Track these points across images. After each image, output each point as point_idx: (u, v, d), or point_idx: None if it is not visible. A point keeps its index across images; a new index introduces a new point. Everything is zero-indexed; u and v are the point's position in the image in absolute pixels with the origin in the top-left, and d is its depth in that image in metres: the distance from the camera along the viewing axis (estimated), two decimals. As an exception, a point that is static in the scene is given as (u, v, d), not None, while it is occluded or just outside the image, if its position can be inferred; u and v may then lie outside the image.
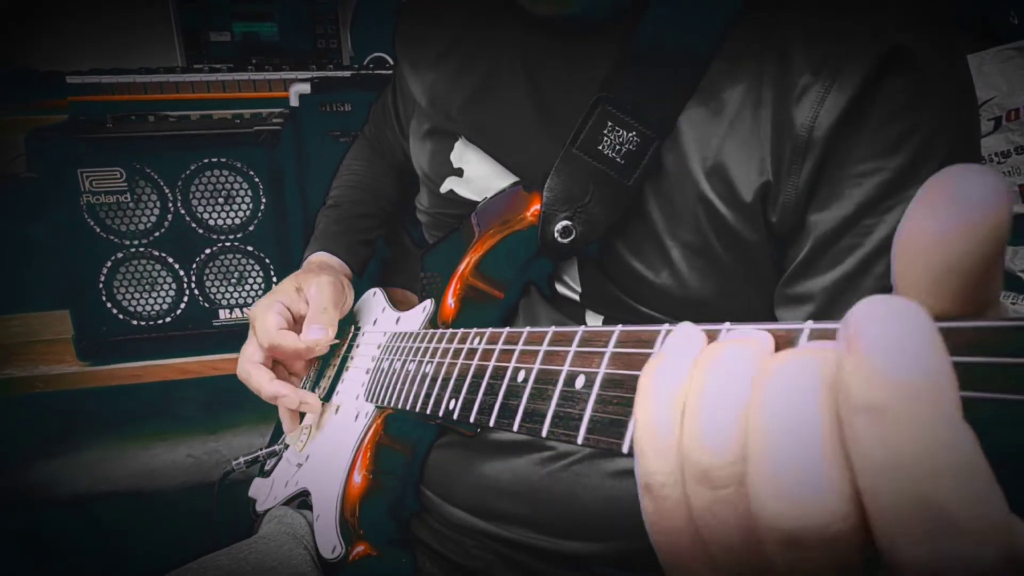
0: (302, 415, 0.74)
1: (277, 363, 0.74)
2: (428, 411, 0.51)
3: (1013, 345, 0.19)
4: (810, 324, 0.26)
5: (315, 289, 0.71)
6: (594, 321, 0.63)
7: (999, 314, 0.21)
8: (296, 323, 0.71)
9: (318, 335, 0.68)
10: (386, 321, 0.73)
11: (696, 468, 0.23)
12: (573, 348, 0.37)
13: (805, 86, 0.49)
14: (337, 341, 0.71)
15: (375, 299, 0.78)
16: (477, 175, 0.67)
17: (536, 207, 0.58)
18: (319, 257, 0.82)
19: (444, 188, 0.70)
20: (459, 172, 0.68)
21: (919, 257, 0.21)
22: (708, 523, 0.23)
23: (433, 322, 0.65)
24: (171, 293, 1.37)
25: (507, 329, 0.45)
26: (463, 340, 0.50)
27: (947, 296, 0.21)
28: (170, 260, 1.35)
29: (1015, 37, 1.42)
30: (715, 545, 0.23)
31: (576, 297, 0.62)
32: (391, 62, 1.78)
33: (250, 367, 0.70)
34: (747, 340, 0.25)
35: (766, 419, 0.21)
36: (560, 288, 0.63)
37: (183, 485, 1.58)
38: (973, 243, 0.20)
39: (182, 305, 1.38)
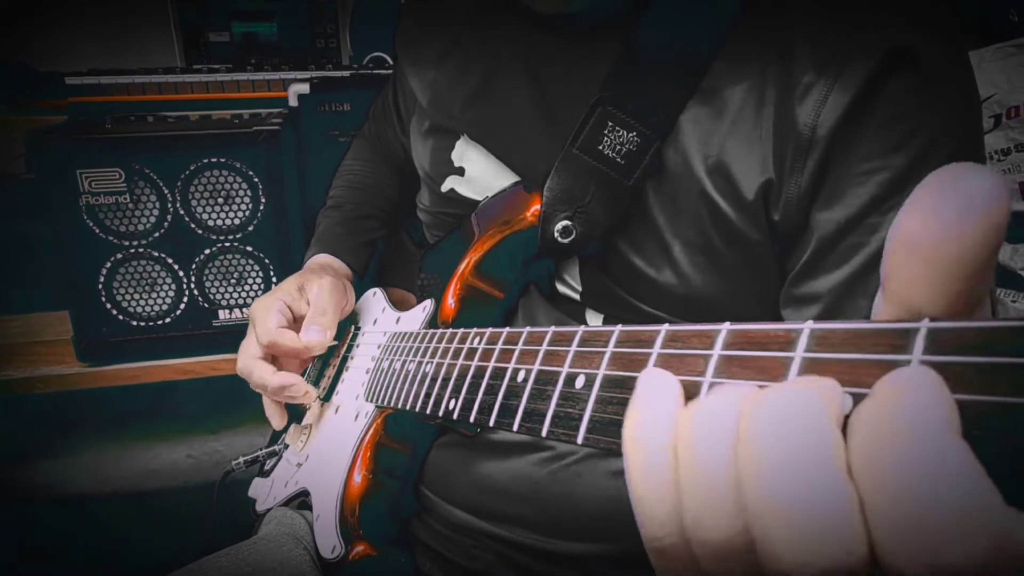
0: (292, 417, 0.74)
1: (274, 360, 0.74)
2: (428, 411, 0.51)
3: (1014, 345, 0.19)
4: (810, 324, 0.25)
5: (317, 290, 0.71)
6: (594, 320, 0.63)
7: (988, 309, 0.22)
8: (296, 322, 0.71)
9: (316, 336, 0.68)
10: (386, 321, 0.73)
11: (704, 544, 0.23)
12: (573, 348, 0.37)
13: (808, 85, 0.49)
14: (335, 343, 0.71)
15: (375, 299, 0.78)
16: (478, 174, 0.67)
17: (536, 207, 0.58)
18: (322, 259, 0.82)
19: (445, 187, 0.70)
20: (460, 171, 0.68)
21: (916, 254, 0.21)
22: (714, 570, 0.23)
23: (433, 322, 0.65)
24: (171, 294, 1.37)
25: (507, 329, 0.45)
26: (463, 340, 0.49)
27: (942, 293, 0.21)
28: (169, 261, 1.35)
29: (1015, 34, 1.42)
30: None
31: (576, 296, 0.62)
32: (390, 62, 1.77)
33: (252, 362, 0.70)
34: (726, 392, 0.24)
35: (761, 472, 0.21)
36: (560, 287, 0.63)
37: (184, 485, 1.58)
38: (972, 242, 0.20)
39: (182, 306, 1.38)
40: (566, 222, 0.56)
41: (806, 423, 0.21)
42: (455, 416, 0.46)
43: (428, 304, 0.67)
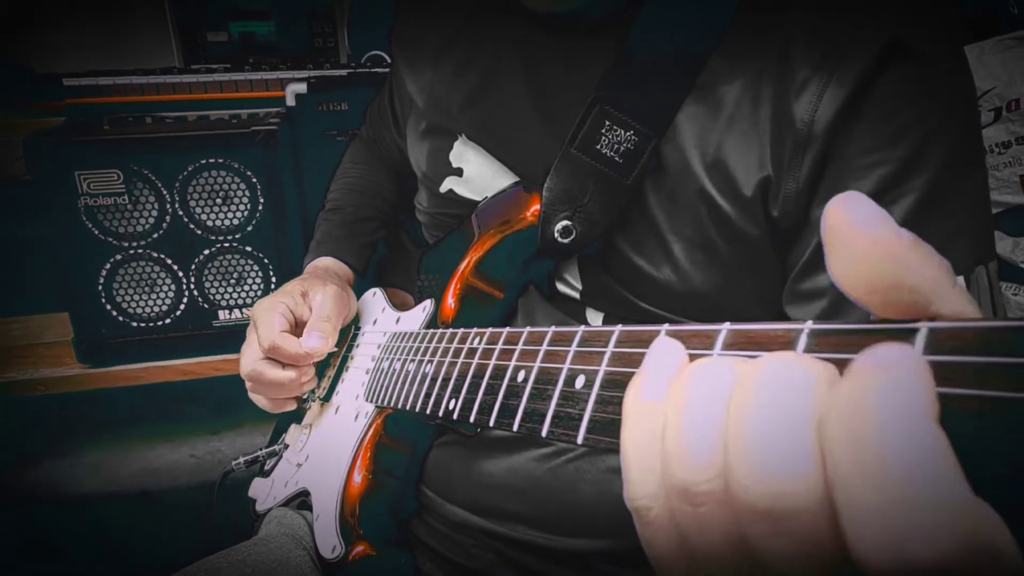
0: (291, 417, 0.74)
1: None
2: (428, 411, 0.51)
3: (1014, 345, 0.19)
4: (810, 324, 0.26)
5: (320, 298, 0.71)
6: (594, 318, 0.63)
7: (959, 300, 0.22)
8: (298, 327, 0.71)
9: (318, 343, 0.67)
10: (386, 321, 0.73)
11: (678, 487, 0.24)
12: (573, 348, 0.37)
13: (805, 80, 0.49)
14: (335, 350, 0.71)
15: (375, 299, 0.78)
16: (476, 174, 0.67)
17: (536, 207, 0.58)
18: (324, 262, 0.82)
19: (443, 188, 0.70)
20: (458, 172, 0.68)
21: (848, 288, 0.23)
22: (694, 539, 0.24)
23: (433, 322, 0.65)
24: (170, 294, 1.36)
25: (507, 329, 0.44)
26: (463, 340, 0.49)
27: (883, 310, 0.23)
28: (169, 261, 1.35)
29: (1015, 27, 1.41)
30: (703, 558, 0.24)
31: (576, 295, 0.62)
32: (388, 60, 1.77)
33: (260, 365, 0.69)
34: (723, 359, 0.26)
35: (748, 413, 0.22)
36: (560, 286, 0.63)
37: (186, 485, 1.59)
38: (861, 268, 0.22)
39: (181, 306, 1.38)
40: (566, 222, 0.56)
41: (798, 383, 0.22)
42: (455, 416, 0.46)
43: (428, 304, 0.67)
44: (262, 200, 1.35)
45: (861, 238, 0.22)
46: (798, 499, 0.21)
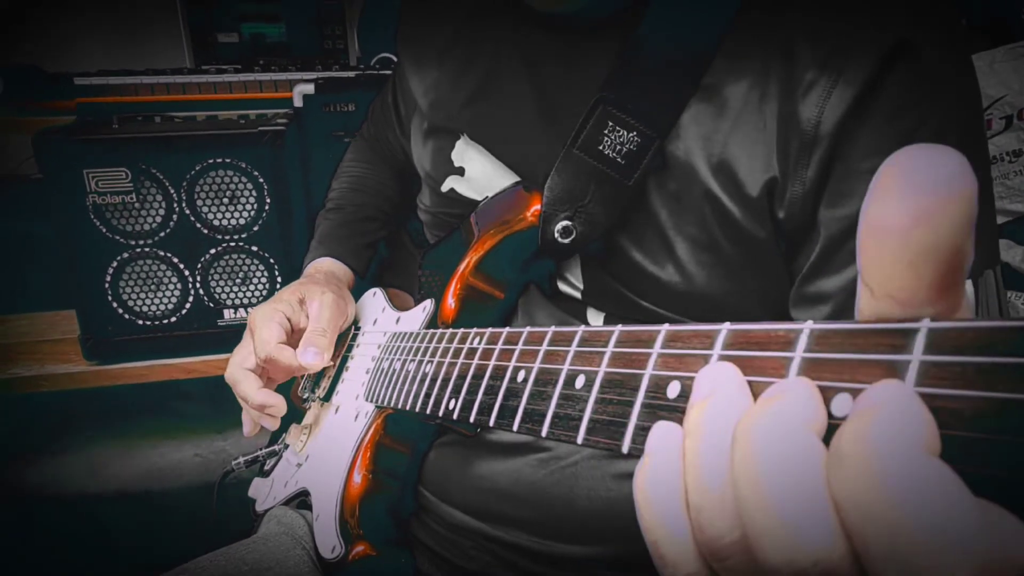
0: (291, 417, 0.74)
1: (266, 372, 0.73)
2: (428, 411, 0.50)
3: (1014, 345, 0.19)
4: (810, 324, 0.25)
5: (317, 307, 0.70)
6: (595, 318, 0.62)
7: (970, 295, 0.22)
8: (295, 333, 0.70)
9: (312, 359, 0.67)
10: (386, 321, 0.72)
11: (705, 544, 0.24)
12: (573, 348, 0.37)
13: (811, 82, 0.48)
14: (331, 363, 0.70)
15: (375, 299, 0.78)
16: (478, 174, 0.67)
17: (536, 207, 0.58)
18: (325, 264, 0.82)
19: (445, 187, 0.69)
20: (460, 171, 0.68)
21: (887, 244, 0.21)
22: None
23: (433, 322, 0.65)
24: (176, 293, 1.37)
25: (507, 329, 0.44)
26: (463, 340, 0.49)
27: (918, 281, 0.21)
28: (175, 260, 1.35)
29: (1027, 35, 1.40)
30: None
31: (577, 294, 0.62)
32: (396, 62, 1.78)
33: (241, 374, 0.70)
34: (720, 401, 0.26)
35: (752, 477, 0.22)
36: (562, 286, 0.63)
37: (190, 484, 1.59)
38: (942, 224, 0.20)
39: (187, 305, 1.38)
40: (566, 222, 0.56)
41: (786, 435, 0.22)
42: (455, 416, 0.46)
43: (428, 304, 0.67)
44: (269, 200, 1.36)
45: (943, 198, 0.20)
46: (819, 560, 0.20)
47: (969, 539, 0.18)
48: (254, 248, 1.38)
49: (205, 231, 1.35)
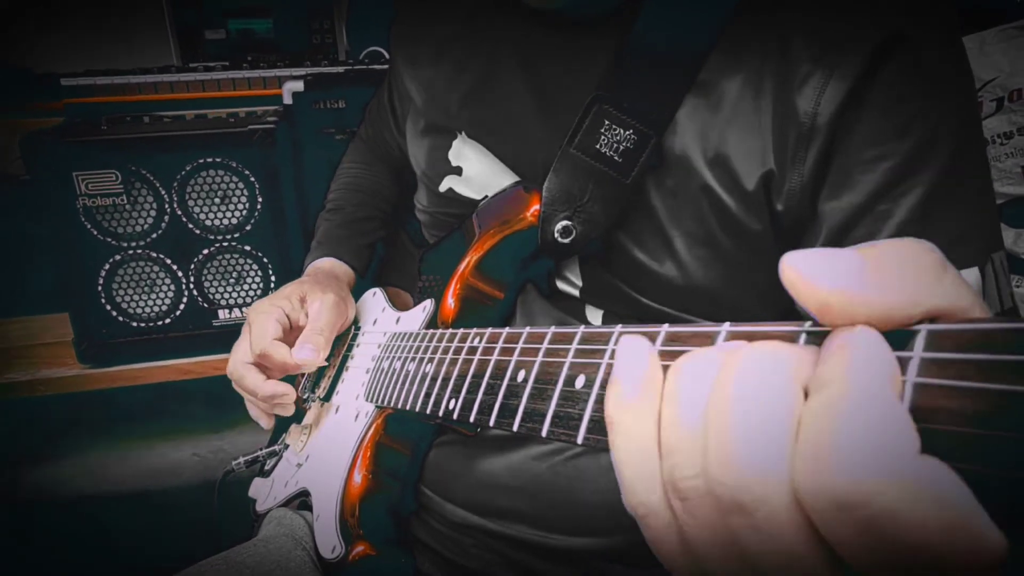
0: (290, 417, 0.74)
1: (262, 368, 0.73)
2: (428, 411, 0.50)
3: (1014, 345, 0.19)
4: (809, 324, 0.26)
5: (317, 306, 0.70)
6: (593, 316, 0.62)
7: (978, 302, 0.23)
8: (293, 331, 0.70)
9: (309, 356, 0.67)
10: (386, 321, 0.72)
11: (668, 482, 0.25)
12: (573, 347, 0.37)
13: (806, 74, 0.49)
14: (326, 364, 0.70)
15: (375, 299, 0.78)
16: (476, 173, 0.66)
17: (536, 207, 0.58)
18: (325, 264, 0.82)
19: (443, 186, 0.69)
20: (458, 170, 0.68)
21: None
22: (692, 535, 0.25)
23: (433, 322, 0.65)
24: (170, 294, 1.36)
25: (507, 329, 0.44)
26: (463, 340, 0.49)
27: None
28: (168, 261, 1.35)
29: (1017, 16, 1.40)
30: (706, 558, 0.25)
31: (576, 292, 0.62)
32: (387, 56, 1.76)
33: (242, 368, 0.70)
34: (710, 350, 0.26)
35: (724, 407, 0.23)
36: (560, 284, 0.63)
37: (189, 484, 1.59)
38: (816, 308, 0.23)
39: (181, 306, 1.37)
40: (566, 222, 0.56)
41: (773, 377, 0.23)
42: (455, 416, 0.46)
43: (428, 304, 0.67)
44: (260, 199, 1.35)
45: (805, 293, 0.23)
46: (765, 487, 0.21)
47: (902, 462, 0.19)
48: (247, 247, 1.37)
49: (197, 231, 1.34)
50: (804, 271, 0.23)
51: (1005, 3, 1.44)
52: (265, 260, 1.39)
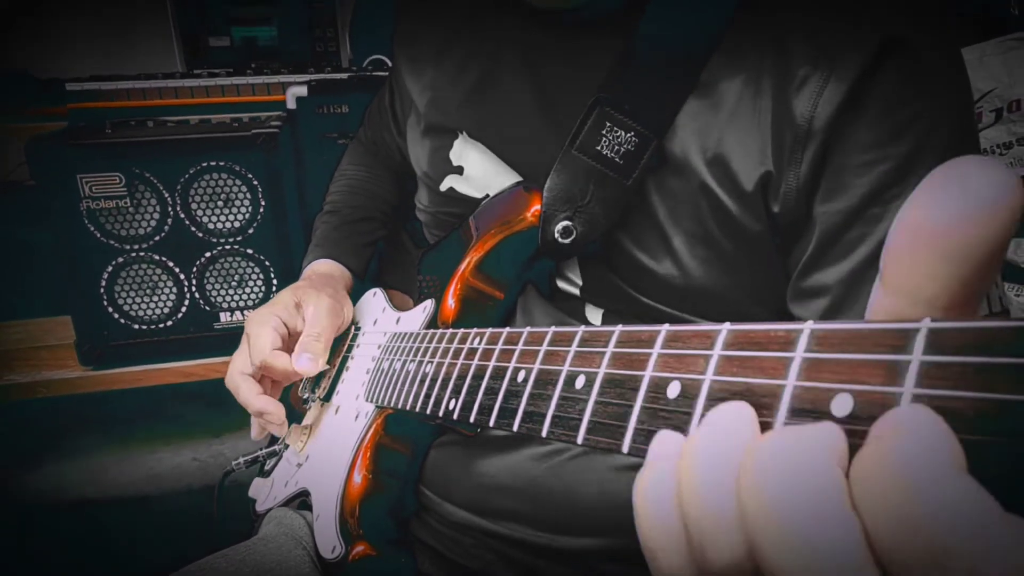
0: (291, 418, 0.74)
1: (266, 376, 0.73)
2: (428, 411, 0.51)
3: (1014, 345, 0.19)
4: (810, 324, 0.25)
5: (313, 311, 0.70)
6: (593, 315, 0.63)
7: (984, 305, 0.22)
8: (292, 337, 0.71)
9: (307, 365, 0.67)
10: (386, 321, 0.73)
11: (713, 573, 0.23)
12: (573, 348, 0.37)
13: (804, 77, 0.49)
14: (328, 367, 0.70)
15: (375, 299, 0.78)
16: (477, 172, 0.67)
17: (536, 207, 0.58)
18: (322, 265, 0.82)
19: (444, 186, 0.70)
20: (459, 170, 0.68)
21: (922, 242, 0.21)
22: None
23: (433, 322, 0.65)
24: (172, 297, 1.37)
25: (507, 329, 0.44)
26: (463, 340, 0.49)
27: (945, 283, 0.21)
28: (170, 264, 1.35)
29: (1016, 28, 1.41)
30: None
31: (576, 291, 0.62)
32: (389, 64, 1.77)
33: (239, 379, 0.70)
34: (727, 429, 0.24)
35: (765, 505, 0.21)
36: (560, 283, 0.63)
37: (189, 488, 1.58)
38: (981, 235, 0.20)
39: (183, 309, 1.38)
40: (566, 222, 0.56)
41: (809, 460, 0.21)
42: (455, 416, 0.46)
43: (428, 304, 0.67)
44: (263, 203, 1.35)
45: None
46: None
47: (1003, 554, 0.17)
48: (249, 251, 1.38)
49: (200, 235, 1.35)
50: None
51: (1004, 14, 1.44)
52: (267, 264, 1.39)
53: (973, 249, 0.20)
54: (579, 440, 0.33)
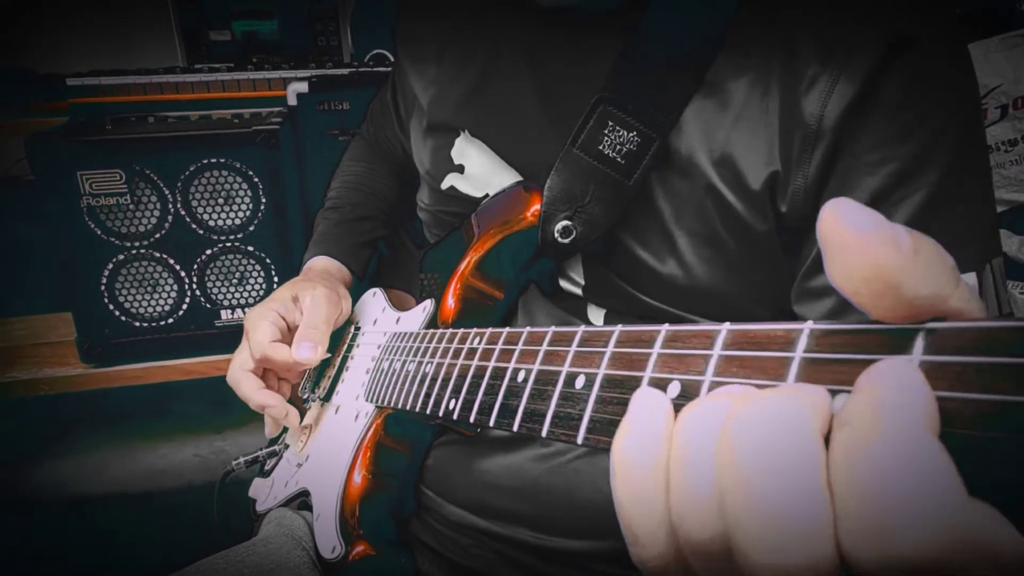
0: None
1: (267, 372, 0.73)
2: (428, 411, 0.50)
3: (1014, 345, 0.19)
4: (810, 324, 0.25)
5: (310, 302, 0.70)
6: (595, 315, 0.62)
7: (962, 300, 0.22)
8: (291, 331, 0.71)
9: (307, 353, 0.67)
10: (386, 321, 0.72)
11: (688, 545, 0.23)
12: (573, 348, 0.37)
13: (813, 76, 0.49)
14: (328, 355, 0.70)
15: (375, 299, 0.78)
16: (478, 170, 0.66)
17: (536, 207, 0.58)
18: (320, 262, 0.82)
19: (445, 184, 0.69)
20: (460, 168, 0.68)
21: (849, 295, 0.22)
22: None
23: (433, 322, 0.65)
24: (173, 294, 1.37)
25: (507, 329, 0.44)
26: (463, 340, 0.49)
27: (886, 316, 0.22)
28: (171, 261, 1.35)
29: (1021, 24, 1.40)
30: None
31: (579, 291, 0.62)
32: (391, 59, 1.77)
33: (240, 375, 0.70)
34: (717, 396, 0.25)
35: (737, 477, 0.21)
36: (563, 283, 0.63)
37: (190, 485, 1.59)
38: (861, 278, 0.21)
39: (184, 306, 1.38)
40: (566, 222, 0.56)
41: (787, 430, 0.21)
42: (455, 416, 0.46)
43: (428, 304, 0.67)
44: (264, 200, 1.35)
45: (857, 251, 0.21)
46: (809, 556, 0.20)
47: (951, 509, 0.18)
48: (250, 248, 1.38)
49: (201, 232, 1.35)
50: (856, 227, 0.21)
51: (1009, 11, 1.44)
52: (268, 261, 1.39)
53: (870, 287, 0.21)
54: (579, 440, 0.33)
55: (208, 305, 1.39)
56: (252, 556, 0.64)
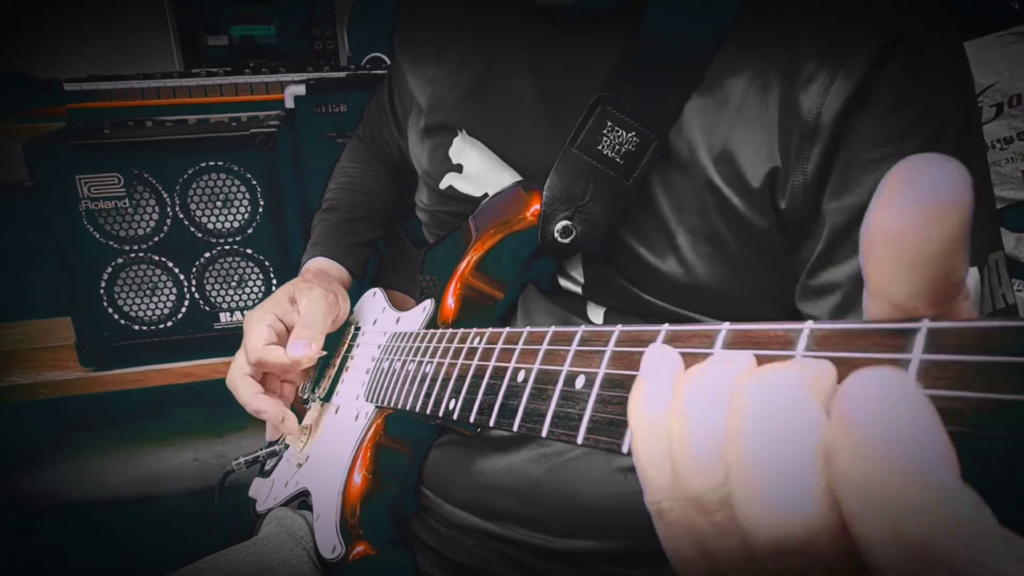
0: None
1: (269, 373, 0.74)
2: (428, 411, 0.50)
3: (1014, 345, 0.19)
4: (810, 324, 0.25)
5: (306, 302, 0.71)
6: (595, 313, 0.62)
7: (969, 301, 0.22)
8: (289, 333, 0.71)
9: (301, 351, 0.67)
10: (386, 321, 0.72)
11: (689, 497, 0.24)
12: (573, 348, 0.37)
13: (811, 73, 0.49)
14: (324, 353, 0.70)
15: (375, 299, 0.78)
16: (476, 170, 0.67)
17: (536, 207, 0.58)
18: (318, 263, 0.82)
19: (443, 184, 0.69)
20: (458, 168, 0.68)
21: (888, 250, 0.21)
22: (711, 543, 0.24)
23: (433, 322, 0.65)
24: (172, 297, 1.37)
25: (507, 329, 0.44)
26: (463, 340, 0.49)
27: (919, 286, 0.21)
28: (170, 265, 1.35)
29: (1016, 22, 1.41)
30: (721, 562, 0.24)
31: (578, 290, 0.62)
32: (388, 62, 1.77)
33: (238, 379, 0.70)
34: (727, 360, 0.25)
35: (743, 435, 0.22)
36: (562, 281, 0.63)
37: (189, 488, 1.59)
38: (940, 231, 0.20)
39: (183, 309, 1.38)
40: (566, 222, 0.56)
41: (790, 398, 0.21)
42: (455, 416, 0.46)
43: (428, 304, 0.67)
44: (262, 202, 1.35)
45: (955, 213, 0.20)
46: (808, 528, 0.20)
47: (940, 488, 0.17)
48: (248, 251, 1.37)
49: (199, 235, 1.35)
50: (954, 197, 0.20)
51: (1004, 9, 1.44)
52: (267, 263, 1.39)
53: (932, 248, 0.20)
54: (579, 440, 0.33)
55: (207, 308, 1.39)
56: (252, 556, 0.64)
